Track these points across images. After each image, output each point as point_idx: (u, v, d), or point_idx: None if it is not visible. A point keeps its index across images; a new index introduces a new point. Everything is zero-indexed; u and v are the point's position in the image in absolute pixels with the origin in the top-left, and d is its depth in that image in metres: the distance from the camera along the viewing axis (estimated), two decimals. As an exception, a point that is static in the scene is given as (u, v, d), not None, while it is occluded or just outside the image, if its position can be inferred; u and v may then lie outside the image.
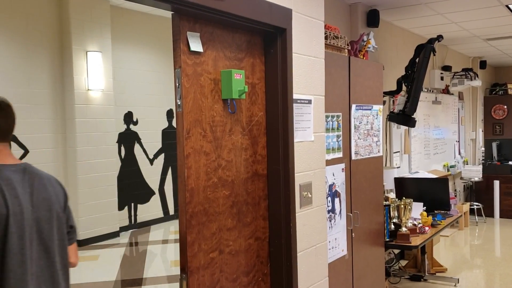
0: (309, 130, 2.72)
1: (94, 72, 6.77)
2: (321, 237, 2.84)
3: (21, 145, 6.22)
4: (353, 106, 3.56)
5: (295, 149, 2.58)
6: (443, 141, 7.88)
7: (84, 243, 6.62)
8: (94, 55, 6.79)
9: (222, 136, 2.24)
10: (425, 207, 4.88)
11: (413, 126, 5.21)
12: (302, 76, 2.64)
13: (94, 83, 6.77)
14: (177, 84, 2.04)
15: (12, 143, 6.10)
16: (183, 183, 2.04)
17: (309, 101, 2.71)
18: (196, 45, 2.08)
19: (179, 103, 2.04)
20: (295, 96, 2.57)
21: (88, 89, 6.74)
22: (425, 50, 4.97)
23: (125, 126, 7.61)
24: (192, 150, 2.08)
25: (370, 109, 3.79)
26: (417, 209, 4.71)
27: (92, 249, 6.45)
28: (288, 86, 2.49)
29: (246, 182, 2.39)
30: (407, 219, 4.21)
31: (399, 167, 6.09)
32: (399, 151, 6.12)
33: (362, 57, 4.05)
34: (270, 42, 2.49)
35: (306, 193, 2.65)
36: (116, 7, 7.36)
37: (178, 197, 2.07)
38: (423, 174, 6.47)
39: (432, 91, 7.36)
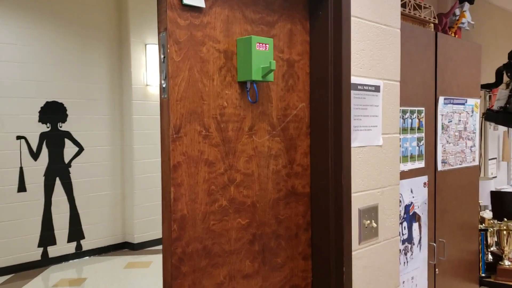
0: (376, 130, 1.90)
1: (153, 66, 6.47)
2: (391, 283, 2.01)
3: (76, 143, 5.90)
4: (441, 99, 2.68)
5: (354, 157, 1.77)
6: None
7: (138, 247, 6.26)
8: (154, 48, 6.48)
9: (236, 137, 1.49)
10: (533, 231, 3.85)
11: (517, 127, 4.19)
12: (366, 51, 1.83)
13: (153, 78, 6.50)
14: (162, 56, 1.33)
15: (66, 140, 5.86)
16: (168, 209, 1.32)
17: (377, 88, 1.89)
18: (193, -3, 1.36)
19: (164, 85, 1.32)
20: (354, 80, 1.76)
21: (147, 85, 6.48)
22: (536, 31, 3.92)
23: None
24: (185, 158, 1.35)
25: (463, 104, 2.88)
26: (523, 234, 3.69)
27: (145, 254, 6.04)
28: (343, 66, 1.69)
29: (276, 205, 1.62)
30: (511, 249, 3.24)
31: (495, 177, 5.03)
32: (495, 158, 5.06)
33: (453, 34, 3.13)
34: (318, 0, 1.71)
35: (368, 221, 1.83)
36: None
37: (162, 230, 1.36)
38: (527, 186, 5.34)
39: (539, 86, 6.15)
